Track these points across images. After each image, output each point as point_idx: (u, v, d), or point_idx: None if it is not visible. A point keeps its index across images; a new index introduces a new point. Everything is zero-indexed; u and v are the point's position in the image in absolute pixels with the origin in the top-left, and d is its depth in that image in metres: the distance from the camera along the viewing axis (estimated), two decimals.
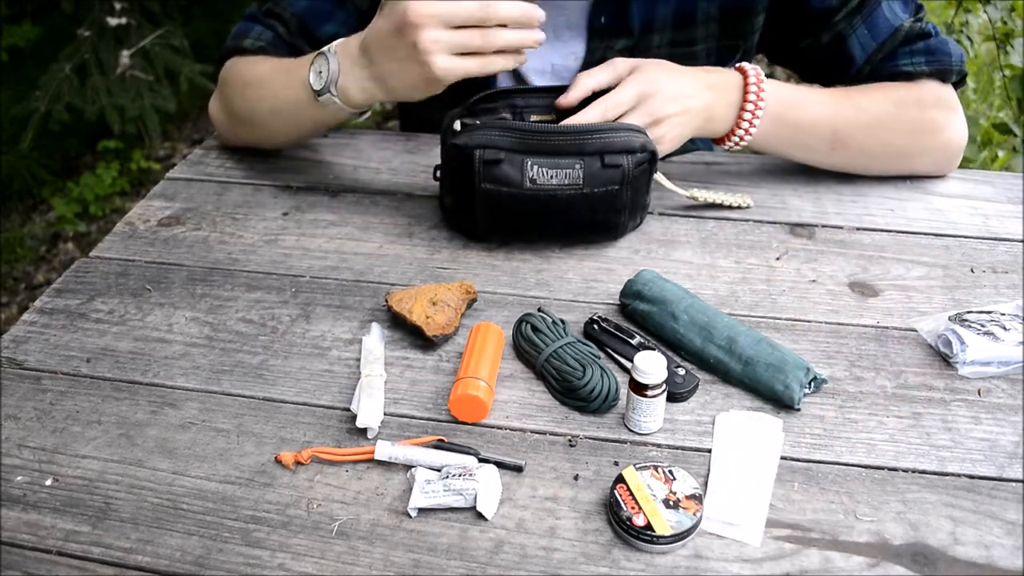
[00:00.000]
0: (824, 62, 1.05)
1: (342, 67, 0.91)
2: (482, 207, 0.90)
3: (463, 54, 0.84)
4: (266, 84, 1.02)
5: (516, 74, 1.06)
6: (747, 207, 1.01)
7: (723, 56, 1.06)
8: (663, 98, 0.89)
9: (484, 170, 0.87)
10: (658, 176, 0.94)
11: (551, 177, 0.87)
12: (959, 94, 1.03)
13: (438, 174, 0.96)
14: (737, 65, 0.95)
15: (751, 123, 0.94)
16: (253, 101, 1.04)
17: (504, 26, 0.84)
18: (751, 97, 0.93)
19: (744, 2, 1.01)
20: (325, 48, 0.93)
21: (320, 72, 0.92)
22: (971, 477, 0.68)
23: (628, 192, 0.89)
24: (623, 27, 1.02)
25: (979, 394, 0.76)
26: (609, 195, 0.88)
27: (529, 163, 0.86)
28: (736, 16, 1.02)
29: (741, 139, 0.96)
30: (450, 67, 0.83)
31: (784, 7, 1.02)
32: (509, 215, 0.91)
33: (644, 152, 0.88)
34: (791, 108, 0.96)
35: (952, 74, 1.00)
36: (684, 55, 1.03)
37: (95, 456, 0.71)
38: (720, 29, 1.03)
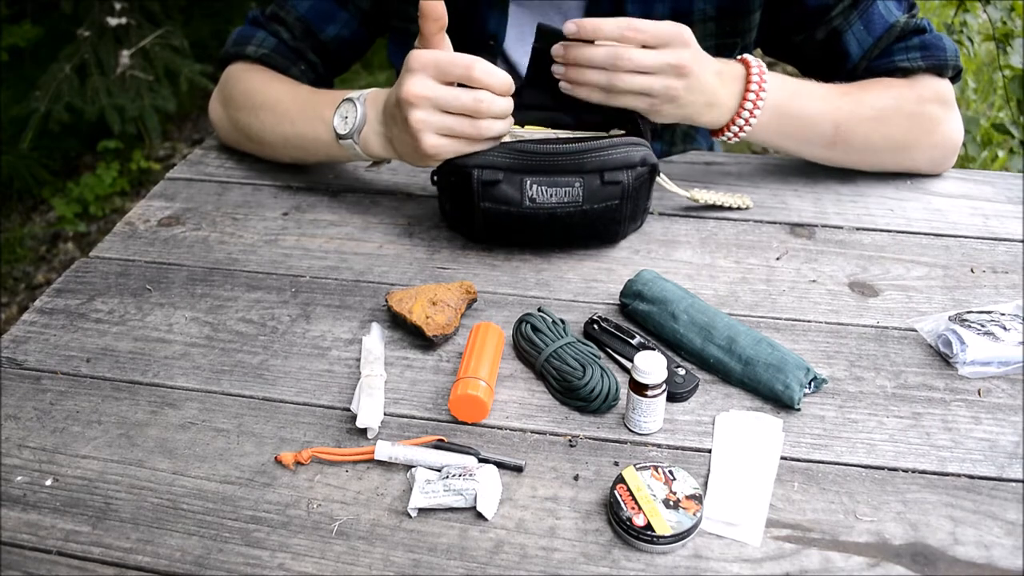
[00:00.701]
0: (820, 58, 1.04)
1: (368, 118, 0.91)
2: (481, 222, 0.90)
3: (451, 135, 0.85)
4: (284, 113, 1.01)
5: (508, 66, 1.06)
6: (747, 208, 1.01)
7: (721, 54, 1.06)
8: (690, 84, 0.87)
9: (483, 190, 0.87)
10: (659, 178, 0.93)
11: (551, 196, 0.86)
12: (956, 91, 1.03)
13: (435, 178, 0.96)
14: (740, 57, 0.95)
15: (752, 113, 0.93)
16: (268, 124, 1.03)
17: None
18: (752, 87, 0.92)
19: (741, 0, 1.01)
20: (355, 95, 0.93)
21: (346, 117, 0.93)
22: (971, 477, 0.68)
23: (628, 205, 0.89)
24: None
25: (979, 394, 0.76)
26: (609, 210, 0.88)
27: (528, 182, 0.86)
28: (733, 15, 1.02)
29: (740, 130, 0.94)
30: (439, 146, 0.85)
31: (780, 4, 1.02)
32: (508, 230, 0.91)
33: (644, 166, 0.87)
34: (792, 101, 0.95)
35: (948, 69, 1.00)
36: None
37: (95, 456, 0.71)
38: (717, 28, 1.03)
